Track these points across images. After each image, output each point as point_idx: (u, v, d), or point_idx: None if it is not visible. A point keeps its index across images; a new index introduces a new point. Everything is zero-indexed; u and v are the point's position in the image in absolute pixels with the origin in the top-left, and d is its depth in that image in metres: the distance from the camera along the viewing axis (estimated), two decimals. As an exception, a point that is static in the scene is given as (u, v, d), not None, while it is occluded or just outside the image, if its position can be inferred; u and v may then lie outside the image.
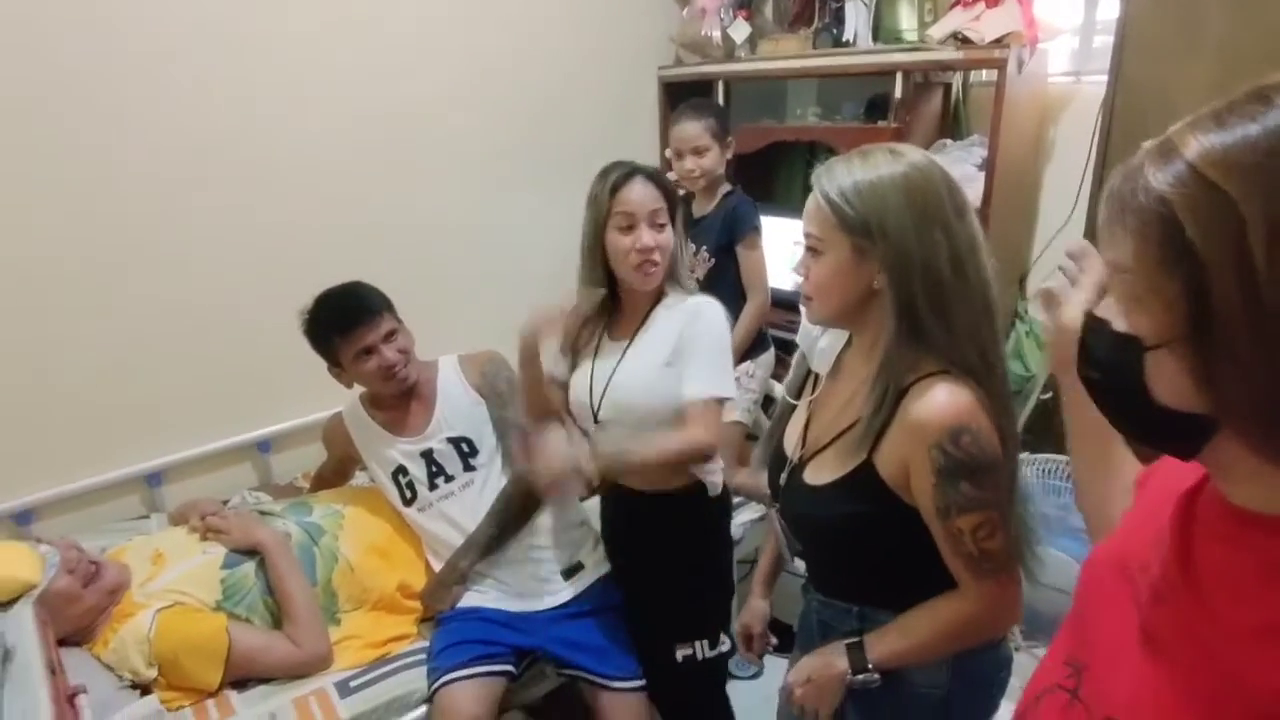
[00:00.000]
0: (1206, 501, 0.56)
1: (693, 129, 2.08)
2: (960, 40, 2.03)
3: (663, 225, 1.40)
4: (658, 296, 1.46)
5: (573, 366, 1.52)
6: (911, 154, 0.96)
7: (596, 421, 1.47)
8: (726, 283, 2.13)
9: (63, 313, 1.83)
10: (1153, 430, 0.54)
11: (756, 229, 2.10)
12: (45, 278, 1.79)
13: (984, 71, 2.25)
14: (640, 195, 1.39)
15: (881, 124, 2.26)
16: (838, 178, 0.96)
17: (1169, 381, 0.50)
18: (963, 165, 2.18)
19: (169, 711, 1.38)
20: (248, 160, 2.03)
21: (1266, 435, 0.47)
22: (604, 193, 1.39)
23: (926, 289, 0.93)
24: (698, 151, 2.08)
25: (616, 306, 1.51)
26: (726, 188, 2.17)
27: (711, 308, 1.42)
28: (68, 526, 1.87)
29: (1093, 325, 0.56)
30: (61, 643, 1.42)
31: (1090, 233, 1.58)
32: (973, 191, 2.15)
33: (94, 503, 1.95)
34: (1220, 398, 0.47)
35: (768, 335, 2.26)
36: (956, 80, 2.34)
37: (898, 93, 2.17)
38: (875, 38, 2.29)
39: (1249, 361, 0.45)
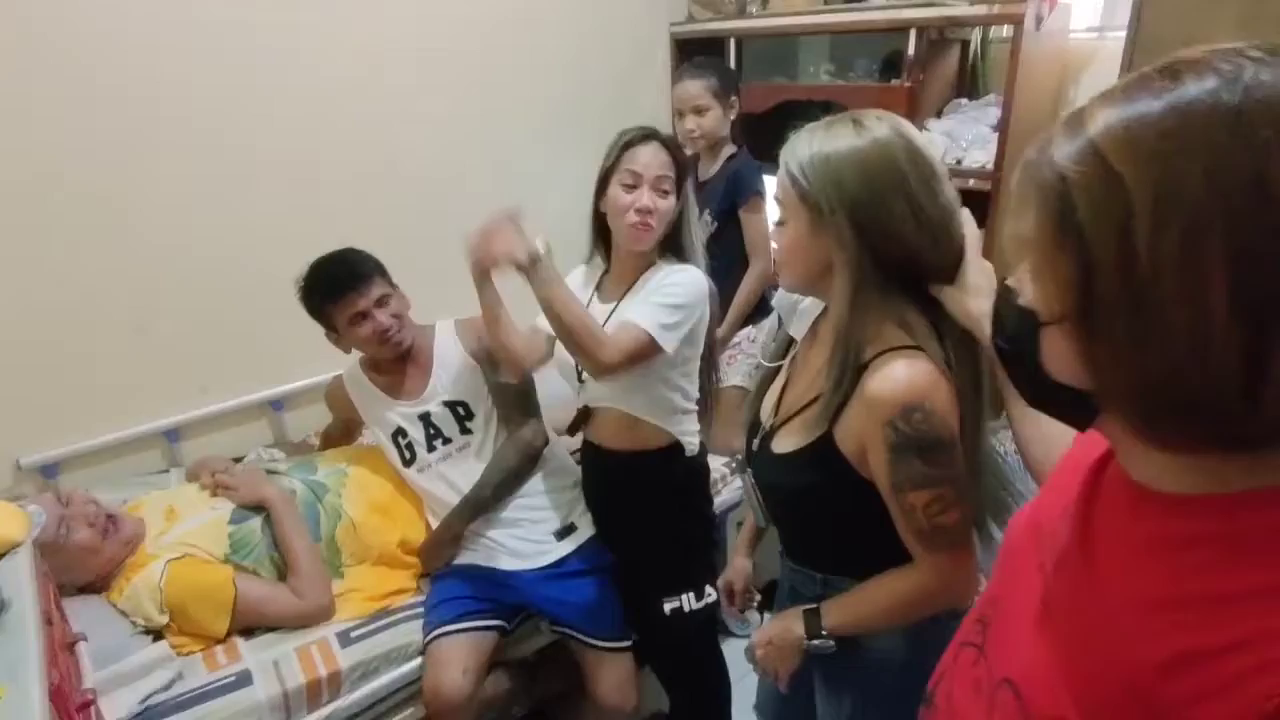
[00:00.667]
0: (1111, 474, 0.57)
1: (693, 88, 2.04)
2: (976, -6, 1.95)
3: (666, 192, 1.40)
4: (648, 264, 1.46)
5: None
6: (875, 126, 0.94)
7: (581, 381, 1.50)
8: (729, 247, 2.11)
9: (89, 275, 1.88)
10: (1049, 402, 0.55)
11: (759, 193, 2.07)
12: (70, 241, 1.84)
13: (1005, 28, 2.15)
14: (649, 157, 1.39)
15: (895, 83, 2.20)
16: (799, 150, 0.95)
17: (1058, 357, 0.50)
18: (977, 125, 2.11)
19: (180, 655, 1.46)
20: (259, 122, 2.05)
21: (1139, 419, 0.47)
22: (615, 147, 1.40)
23: (887, 258, 0.93)
24: (698, 111, 2.05)
25: (608, 269, 1.52)
26: (731, 150, 2.13)
27: (691, 272, 1.43)
28: (91, 479, 1.96)
29: (1003, 295, 0.56)
30: (82, 590, 1.54)
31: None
32: (984, 153, 2.09)
33: (116, 457, 2.03)
34: (1098, 379, 0.48)
35: (767, 301, 2.24)
36: (975, 36, 2.25)
37: (911, 50, 2.09)
38: (891, -9, 2.20)
39: (1124, 347, 0.45)
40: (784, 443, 1.05)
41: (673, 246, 1.47)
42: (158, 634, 1.49)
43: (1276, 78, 0.40)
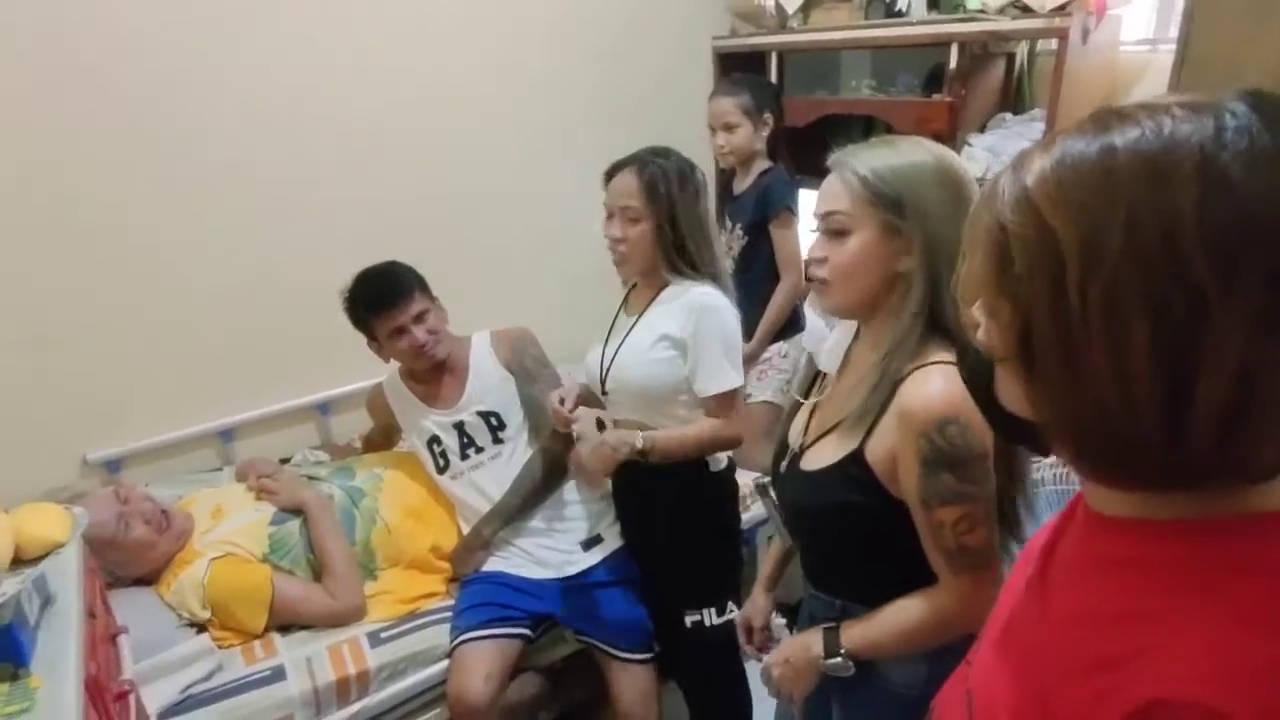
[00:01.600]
0: (1085, 503, 0.59)
1: (723, 105, 2.06)
2: (1020, 8, 1.90)
3: (634, 219, 1.43)
4: (665, 280, 1.50)
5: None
6: (936, 148, 0.96)
7: (604, 393, 1.53)
8: (759, 261, 2.11)
9: (153, 287, 2.01)
10: (1008, 430, 0.58)
11: (789, 208, 2.07)
12: (140, 253, 1.97)
13: (1053, 40, 2.10)
14: (617, 187, 1.45)
15: (936, 97, 2.16)
16: (866, 158, 0.95)
17: (1008, 392, 0.54)
18: (1021, 141, 2.06)
19: (220, 649, 1.54)
20: (309, 143, 2.15)
21: (1075, 452, 0.50)
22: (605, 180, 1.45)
23: (950, 272, 0.92)
24: (728, 128, 2.06)
25: (634, 284, 1.58)
26: (764, 165, 2.14)
27: (713, 301, 1.45)
28: (151, 475, 2.08)
29: (969, 330, 0.58)
30: (136, 582, 1.63)
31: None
32: (1029, 170, 2.03)
33: (174, 454, 2.15)
34: (1039, 415, 0.51)
35: (802, 315, 2.23)
36: (1021, 49, 2.20)
37: (953, 64, 2.06)
38: (934, 6, 2.17)
39: (1058, 387, 0.48)
40: (814, 460, 1.05)
41: (685, 259, 1.49)
42: (201, 627, 1.57)
43: (1191, 132, 0.42)
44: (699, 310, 1.44)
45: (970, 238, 0.53)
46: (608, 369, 1.53)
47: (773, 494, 1.17)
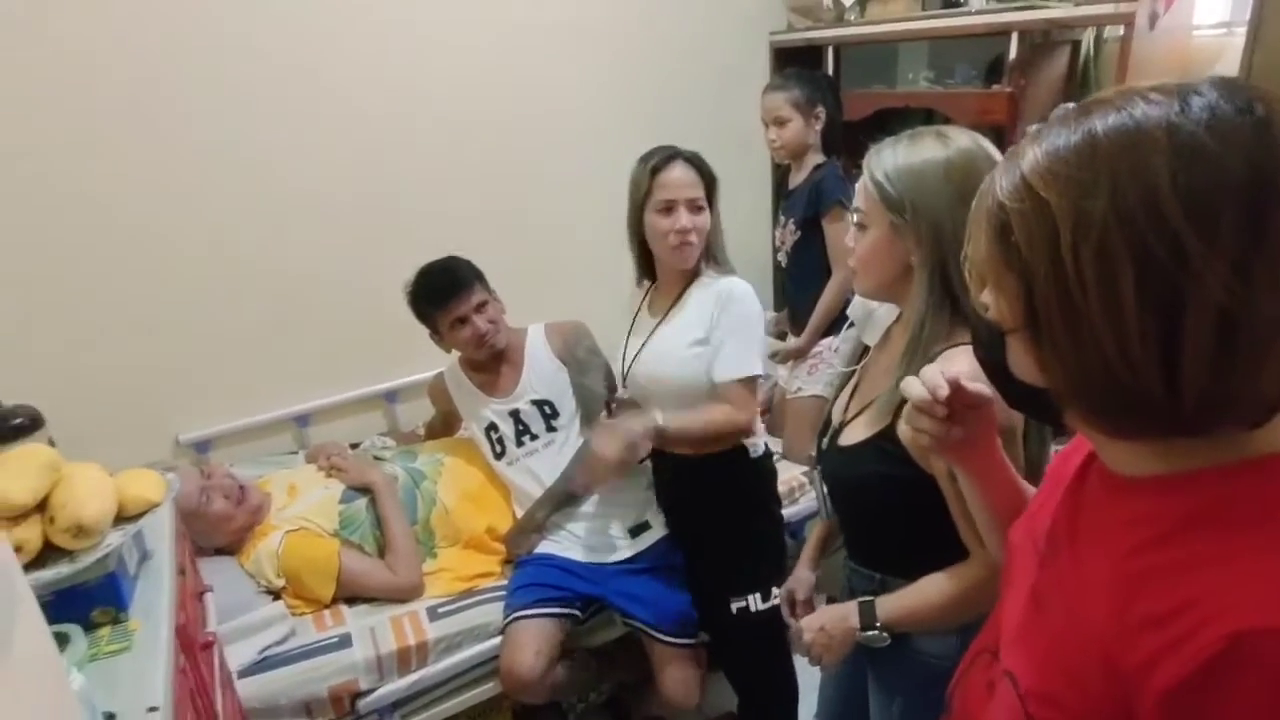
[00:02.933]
0: (1095, 470, 0.62)
1: (775, 100, 2.07)
2: (1083, -6, 1.86)
3: (700, 208, 1.46)
4: (693, 275, 1.53)
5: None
6: (959, 138, 0.98)
7: (624, 387, 1.59)
8: (811, 256, 2.12)
9: (241, 282, 2.16)
10: (1022, 402, 0.62)
11: (841, 203, 2.06)
12: (230, 257, 2.13)
13: (1121, 26, 2.03)
14: (679, 178, 1.45)
15: (996, 88, 2.12)
16: (884, 159, 1.00)
17: (1020, 363, 0.57)
18: (1084, 131, 2.00)
19: (294, 616, 1.66)
20: (387, 140, 2.27)
21: (1086, 410, 0.54)
22: (644, 175, 1.48)
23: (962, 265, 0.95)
24: (779, 122, 2.08)
25: (655, 283, 1.60)
26: (818, 159, 2.14)
27: (737, 289, 1.48)
28: (234, 456, 2.23)
29: (978, 311, 0.61)
30: (218, 551, 1.77)
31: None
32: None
33: (256, 438, 2.31)
34: (1049, 379, 0.55)
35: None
36: (1087, 36, 2.13)
37: (1012, 54, 2.02)
38: (994, -6, 2.14)
39: (1065, 349, 0.51)
40: (850, 436, 1.09)
41: (707, 254, 1.52)
42: (276, 594, 1.69)
43: (1160, 114, 0.47)
44: (724, 299, 1.47)
45: (974, 223, 0.58)
46: (629, 368, 1.58)
47: (818, 468, 1.21)
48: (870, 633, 1.06)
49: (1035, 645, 0.62)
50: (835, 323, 2.16)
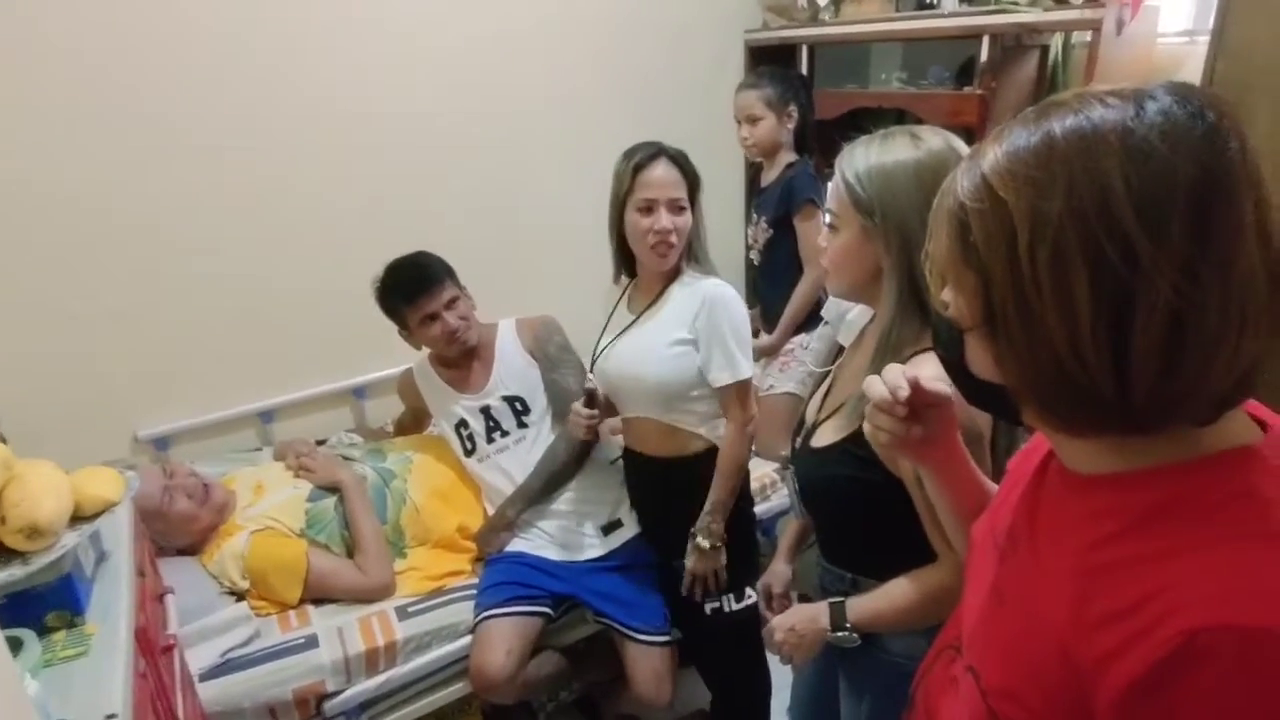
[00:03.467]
0: (1053, 469, 0.63)
1: (747, 98, 2.07)
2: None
3: (682, 208, 1.45)
4: (674, 274, 1.52)
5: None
6: (931, 139, 0.98)
7: (589, 373, 1.61)
8: (783, 254, 2.13)
9: (201, 274, 2.10)
10: (982, 399, 0.63)
11: (813, 201, 2.07)
12: (189, 247, 2.06)
13: (1088, 33, 2.07)
14: (661, 177, 1.44)
15: (967, 90, 2.15)
16: (856, 160, 0.99)
17: (978, 360, 0.59)
18: (1052, 135, 2.04)
19: (257, 616, 1.62)
20: (342, 138, 2.22)
21: (1040, 407, 0.55)
22: (626, 172, 1.46)
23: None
24: (751, 120, 2.08)
25: (634, 279, 1.59)
26: (790, 158, 2.15)
27: (725, 293, 1.48)
28: (196, 453, 2.18)
29: (939, 310, 0.62)
30: (180, 552, 1.72)
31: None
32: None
33: (218, 434, 2.25)
34: (1005, 375, 0.56)
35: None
36: (1056, 41, 2.17)
37: (984, 57, 2.05)
38: (966, -3, 2.16)
39: (1020, 345, 0.52)
40: (822, 438, 1.09)
41: (688, 253, 1.52)
42: (240, 595, 1.65)
43: (1115, 118, 0.48)
44: (710, 301, 1.46)
45: (935, 222, 0.58)
46: (596, 359, 1.58)
47: (791, 468, 1.21)
48: (840, 633, 1.07)
49: (995, 640, 0.63)
50: (807, 320, 2.18)
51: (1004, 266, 0.51)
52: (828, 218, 1.04)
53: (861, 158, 0.98)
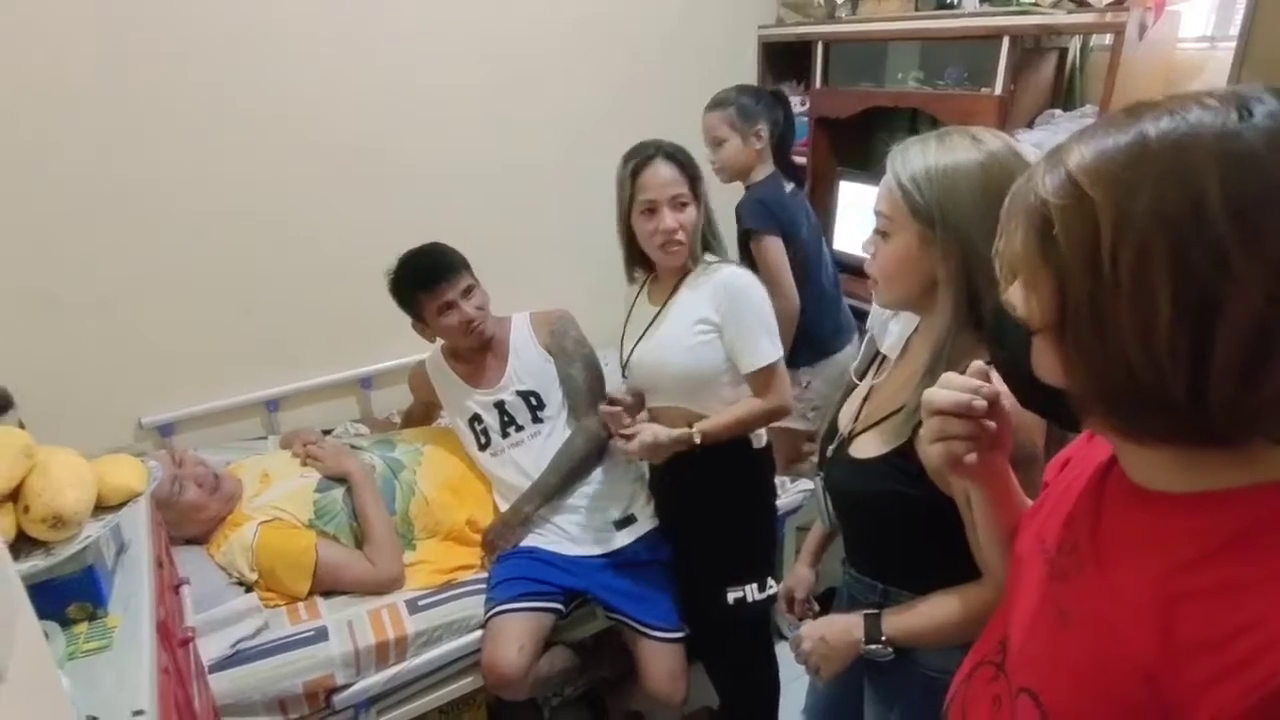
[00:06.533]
0: (1114, 480, 0.61)
1: (710, 119, 1.98)
2: (1075, 1, 1.88)
3: (684, 204, 1.44)
4: (685, 270, 1.52)
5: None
6: (992, 141, 0.93)
7: (624, 376, 1.59)
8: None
9: (206, 260, 2.08)
10: (1042, 403, 0.62)
11: (760, 230, 1.96)
12: (195, 233, 2.04)
13: (1105, 37, 2.06)
14: (660, 178, 1.44)
15: (985, 91, 2.14)
16: (911, 161, 0.94)
17: (1046, 362, 0.57)
18: (1070, 138, 2.03)
19: (266, 608, 1.60)
20: (354, 132, 2.19)
21: (1106, 413, 0.54)
22: (626, 177, 1.46)
23: (995, 277, 0.92)
24: (715, 142, 1.99)
25: (652, 274, 1.60)
26: (757, 176, 2.03)
27: (743, 280, 1.48)
28: (200, 440, 2.15)
29: (1003, 309, 0.61)
30: (187, 542, 1.70)
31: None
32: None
33: (223, 422, 2.23)
34: (1072, 379, 0.54)
35: (823, 341, 2.13)
36: (1074, 45, 2.16)
37: (1003, 58, 2.04)
38: (986, -3, 2.15)
39: (1091, 349, 0.51)
40: (863, 449, 1.05)
41: (702, 242, 1.51)
42: (249, 586, 1.63)
43: (1213, 120, 0.47)
44: (732, 290, 1.46)
45: (1009, 218, 0.57)
46: (629, 357, 1.57)
47: (821, 476, 1.19)
48: (874, 647, 1.04)
49: (1059, 663, 0.60)
50: (803, 354, 2.07)
51: (1083, 266, 0.50)
52: (878, 223, 0.98)
53: (918, 158, 0.93)
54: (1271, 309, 0.44)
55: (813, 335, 2.09)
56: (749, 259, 2.03)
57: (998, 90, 2.08)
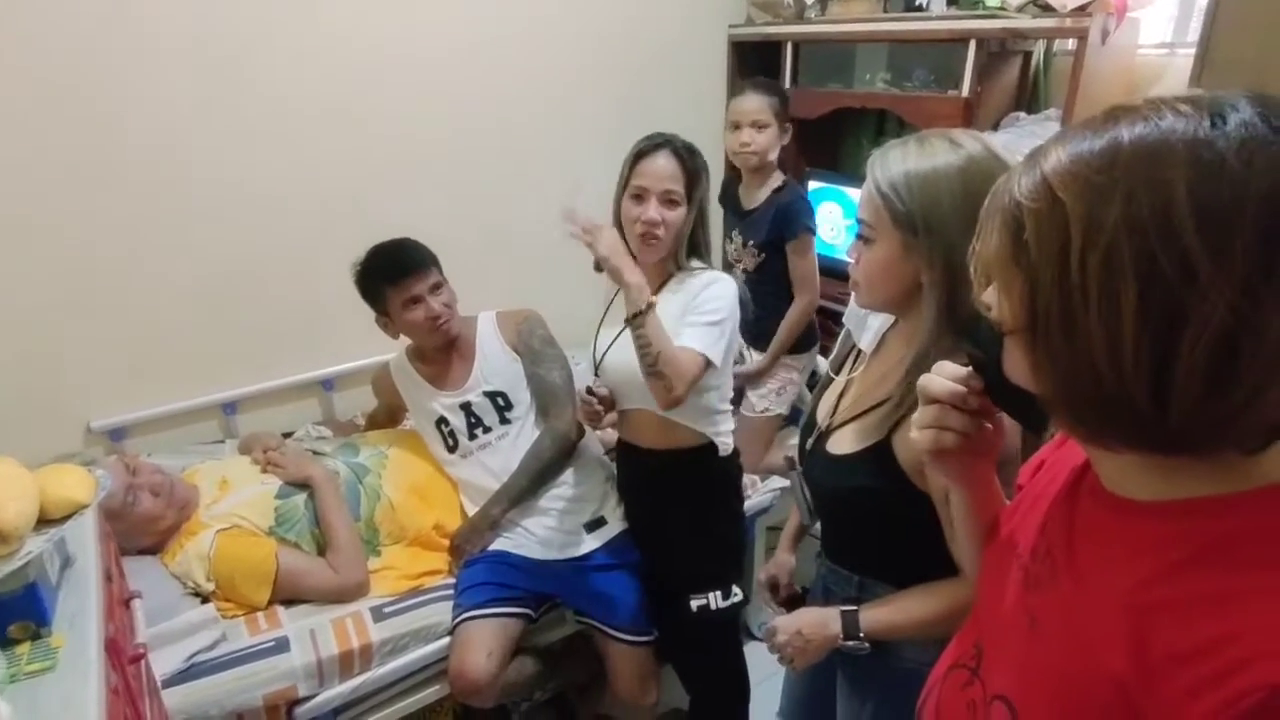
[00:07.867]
0: (1087, 488, 0.61)
1: (756, 102, 2.02)
2: (1040, 6, 1.90)
3: (674, 203, 1.42)
4: (666, 278, 1.50)
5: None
6: (971, 144, 0.93)
7: (596, 375, 1.56)
8: (773, 278, 2.10)
9: (159, 259, 2.00)
10: (1012, 405, 0.62)
11: (810, 229, 2.04)
12: (145, 222, 1.96)
13: (1071, 41, 2.10)
14: (657, 169, 1.41)
15: (952, 93, 2.16)
16: (891, 167, 0.93)
17: (1016, 364, 0.57)
18: (1033, 140, 2.05)
19: (224, 619, 1.54)
20: (322, 119, 2.13)
21: (1069, 417, 0.54)
22: (628, 160, 1.44)
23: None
24: (757, 125, 2.02)
25: None
26: (778, 181, 2.09)
27: (723, 281, 1.45)
28: (154, 445, 2.08)
29: (977, 311, 0.61)
30: (140, 551, 1.63)
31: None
32: (1041, 170, 2.04)
33: (177, 425, 2.15)
34: (1039, 382, 0.54)
35: (815, 331, 2.23)
36: (1038, 49, 2.20)
37: (970, 61, 2.06)
38: (953, 2, 2.17)
39: (1058, 352, 0.51)
40: (840, 444, 1.06)
41: (691, 247, 1.49)
42: (205, 597, 1.57)
43: (1185, 127, 0.46)
44: (706, 283, 1.44)
45: (987, 218, 0.56)
46: (601, 358, 1.55)
47: (799, 470, 1.18)
48: (851, 642, 1.05)
49: (1032, 671, 0.61)
50: (795, 345, 2.16)
51: (1053, 270, 0.49)
52: (860, 229, 0.98)
53: (898, 164, 0.92)
54: (1236, 320, 0.44)
55: (809, 327, 2.19)
56: (780, 258, 2.07)
57: (964, 92, 2.11)
